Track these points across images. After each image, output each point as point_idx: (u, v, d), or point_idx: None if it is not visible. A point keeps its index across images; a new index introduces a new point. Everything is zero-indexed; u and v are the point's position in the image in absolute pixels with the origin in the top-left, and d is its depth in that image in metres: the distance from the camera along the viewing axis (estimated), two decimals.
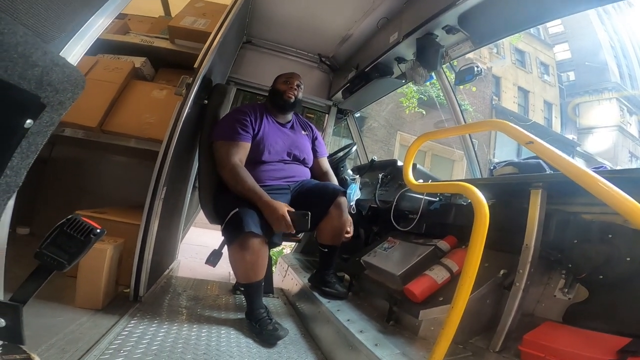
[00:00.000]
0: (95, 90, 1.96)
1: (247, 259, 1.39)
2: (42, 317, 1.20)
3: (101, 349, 1.08)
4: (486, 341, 1.13)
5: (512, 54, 15.00)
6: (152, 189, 1.51)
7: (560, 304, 1.10)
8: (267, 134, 1.75)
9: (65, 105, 0.54)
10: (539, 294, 1.16)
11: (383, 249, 1.68)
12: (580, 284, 1.07)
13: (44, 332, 1.10)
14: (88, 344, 1.09)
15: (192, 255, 3.53)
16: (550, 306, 1.13)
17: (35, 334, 1.05)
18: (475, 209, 0.87)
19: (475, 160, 1.98)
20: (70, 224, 0.64)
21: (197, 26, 2.18)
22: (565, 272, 1.12)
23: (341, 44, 2.74)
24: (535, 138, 0.93)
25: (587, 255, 1.01)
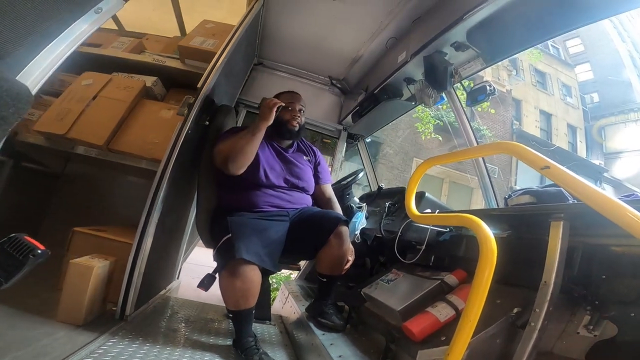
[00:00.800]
0: (106, 108, 2.01)
1: (237, 286, 1.33)
2: (16, 329, 1.19)
3: None
4: None
5: (532, 75, 14.74)
6: (147, 209, 1.49)
7: (585, 342, 0.97)
8: (266, 157, 1.70)
9: (8, 120, 0.50)
10: (559, 331, 1.03)
11: (386, 282, 1.58)
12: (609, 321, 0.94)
13: (15, 344, 1.07)
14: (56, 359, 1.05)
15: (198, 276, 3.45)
16: (573, 344, 1.00)
17: (4, 345, 1.04)
18: (480, 244, 0.79)
19: (491, 188, 1.85)
20: (11, 243, 0.62)
21: (205, 46, 2.22)
22: (590, 308, 0.99)
23: (351, 65, 2.72)
24: (552, 162, 0.83)
25: (618, 292, 0.90)
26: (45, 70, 0.63)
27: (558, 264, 0.98)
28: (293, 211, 1.70)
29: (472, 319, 0.75)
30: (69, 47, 0.67)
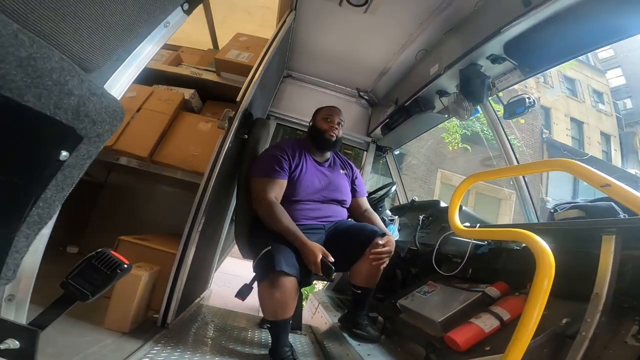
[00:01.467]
0: (149, 120, 2.10)
1: (276, 297, 1.35)
2: (68, 335, 1.22)
3: None
4: None
5: (562, 82, 14.17)
6: (191, 220, 1.54)
7: (632, 351, 0.96)
8: (304, 173, 1.73)
9: (103, 137, 0.54)
10: (607, 341, 1.02)
11: (422, 293, 1.57)
12: None
13: (67, 351, 1.10)
14: None
15: (226, 284, 3.53)
16: (620, 353, 0.98)
17: (57, 352, 1.05)
18: (537, 259, 0.79)
19: (530, 203, 1.78)
20: (98, 258, 0.64)
21: (240, 59, 2.28)
22: (639, 318, 0.99)
23: (379, 77, 2.73)
24: (612, 180, 0.84)
25: None
26: (124, 84, 0.68)
27: (610, 276, 0.99)
28: (329, 224, 1.73)
29: (528, 328, 0.76)
30: (144, 61, 0.71)
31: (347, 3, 2.01)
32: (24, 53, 0.39)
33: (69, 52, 0.48)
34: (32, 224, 0.51)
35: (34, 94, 0.41)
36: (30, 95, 0.41)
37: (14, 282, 0.67)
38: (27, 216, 0.49)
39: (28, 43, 0.39)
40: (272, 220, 1.53)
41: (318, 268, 1.39)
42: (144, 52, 0.72)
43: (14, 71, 0.38)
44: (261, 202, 1.58)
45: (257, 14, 2.86)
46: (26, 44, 0.39)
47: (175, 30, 0.83)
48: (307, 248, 1.42)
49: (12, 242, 0.49)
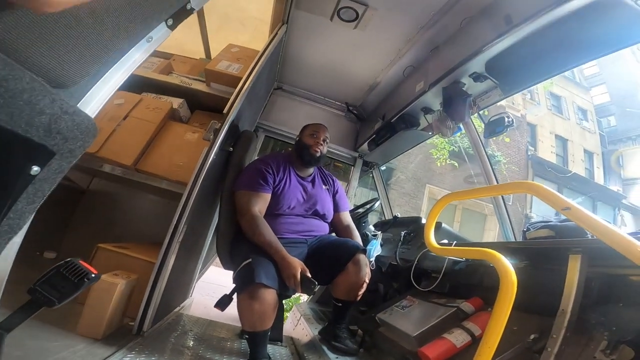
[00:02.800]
0: (135, 128, 2.06)
1: (255, 309, 1.35)
2: (38, 339, 1.20)
3: None
4: None
5: (548, 99, 14.53)
6: (172, 230, 1.53)
7: None
8: (288, 187, 1.77)
9: (75, 153, 0.55)
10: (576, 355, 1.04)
11: (400, 307, 1.60)
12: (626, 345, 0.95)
13: (35, 355, 1.08)
14: None
15: (209, 293, 3.48)
16: None
17: (24, 355, 1.04)
18: (501, 278, 0.82)
19: (508, 221, 1.84)
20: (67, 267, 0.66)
21: (230, 71, 2.28)
22: (608, 334, 1.01)
23: (368, 92, 2.78)
24: (572, 204, 0.88)
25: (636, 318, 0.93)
26: (102, 99, 0.69)
27: (576, 293, 1.03)
28: (312, 238, 1.76)
29: (491, 345, 0.78)
30: (123, 75, 0.72)
31: (338, 18, 2.07)
32: None
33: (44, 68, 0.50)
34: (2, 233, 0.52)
35: (6, 112, 0.43)
36: (2, 114, 0.43)
37: None
38: None
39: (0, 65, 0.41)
40: (254, 233, 1.54)
41: (297, 283, 1.40)
42: (125, 65, 0.73)
43: None
44: (244, 214, 1.60)
45: (251, 26, 2.88)
46: None
47: (158, 44, 0.84)
48: (286, 262, 1.44)
49: None
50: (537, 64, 1.55)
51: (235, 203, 1.68)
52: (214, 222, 2.30)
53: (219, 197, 1.88)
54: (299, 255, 1.58)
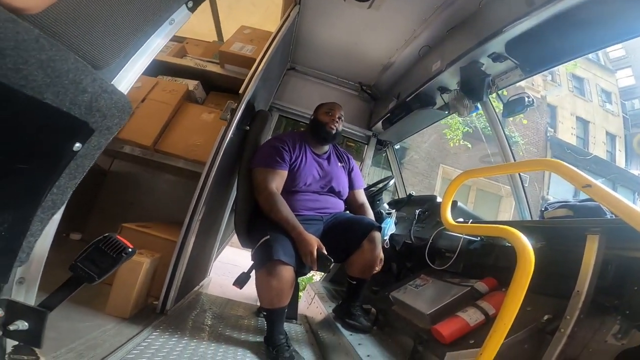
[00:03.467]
0: (153, 110, 2.12)
1: (272, 285, 1.39)
2: (70, 320, 1.25)
3: (117, 357, 1.10)
4: None
5: (569, 81, 13.99)
6: (192, 209, 1.58)
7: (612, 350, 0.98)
8: (304, 164, 1.78)
9: (112, 130, 0.58)
10: (587, 339, 1.05)
11: (414, 286, 1.61)
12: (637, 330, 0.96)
13: (68, 335, 1.13)
14: (106, 351, 1.11)
15: (225, 274, 3.60)
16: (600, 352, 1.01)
17: (59, 336, 1.09)
18: (518, 256, 0.82)
19: (525, 201, 1.82)
20: (105, 242, 0.67)
21: (244, 52, 2.29)
22: (621, 317, 1.01)
23: (382, 72, 2.75)
24: (593, 181, 0.85)
25: None
26: (130, 80, 0.71)
27: (592, 274, 1.02)
28: (327, 216, 1.78)
29: (506, 323, 0.78)
30: (150, 56, 0.75)
31: None
32: (44, 56, 0.43)
33: (81, 52, 0.52)
34: (46, 209, 0.55)
35: (53, 92, 0.45)
36: (49, 93, 0.45)
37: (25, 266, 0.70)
38: (42, 202, 0.53)
39: (47, 46, 0.43)
40: (271, 210, 1.57)
41: (313, 260, 1.43)
42: (150, 48, 0.76)
43: (36, 72, 0.43)
44: (262, 191, 1.63)
45: (262, 7, 2.85)
46: (46, 48, 0.43)
47: (180, 27, 0.86)
48: (303, 239, 1.46)
49: (29, 226, 0.54)
50: (560, 45, 1.49)
51: (252, 180, 1.71)
52: (230, 201, 2.36)
53: (236, 176, 1.92)
54: (314, 232, 1.60)
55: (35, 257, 0.72)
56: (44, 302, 0.68)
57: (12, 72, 0.41)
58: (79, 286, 0.69)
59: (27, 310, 0.67)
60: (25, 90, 0.42)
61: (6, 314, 0.65)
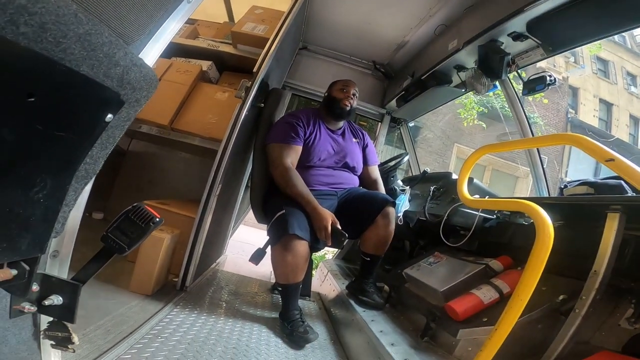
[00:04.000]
0: (169, 91, 2.16)
1: (288, 260, 1.42)
2: (97, 298, 1.31)
3: (142, 333, 1.15)
4: None
5: (593, 62, 13.39)
6: (209, 185, 1.61)
7: (624, 334, 0.98)
8: (318, 139, 1.79)
9: (140, 102, 0.60)
10: (600, 322, 1.05)
11: (428, 264, 1.61)
12: None
13: (97, 313, 1.19)
14: (131, 328, 1.16)
15: (239, 252, 3.69)
16: (612, 335, 1.01)
17: (88, 314, 1.14)
18: (537, 230, 0.80)
19: (543, 178, 1.79)
20: (134, 211, 0.69)
21: (256, 32, 2.29)
22: (635, 301, 1.00)
23: (396, 51, 2.70)
24: (617, 155, 0.83)
25: None
26: (154, 56, 0.72)
27: (610, 254, 0.99)
28: (342, 191, 1.79)
29: (522, 299, 0.77)
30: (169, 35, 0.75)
31: None
32: (81, 30, 0.45)
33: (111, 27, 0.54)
34: (80, 178, 0.58)
35: (88, 64, 0.47)
36: (85, 65, 0.47)
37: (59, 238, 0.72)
38: (76, 171, 0.56)
39: (85, 21, 0.45)
40: (286, 185, 1.59)
41: (327, 235, 1.44)
42: (170, 27, 0.76)
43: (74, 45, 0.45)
44: (277, 166, 1.64)
45: None
46: (83, 22, 0.45)
47: (197, 6, 0.86)
48: (317, 213, 1.48)
49: (65, 195, 0.57)
50: (584, 25, 1.42)
51: (267, 156, 1.73)
52: (245, 178, 2.41)
53: (251, 152, 1.95)
54: (329, 207, 1.61)
55: (68, 229, 0.73)
56: (77, 276, 0.69)
57: (52, 45, 0.43)
58: (110, 257, 0.71)
59: (61, 284, 0.68)
60: (64, 62, 0.44)
61: (41, 288, 0.66)
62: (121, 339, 1.07)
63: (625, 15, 1.30)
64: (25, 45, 0.40)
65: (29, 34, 0.40)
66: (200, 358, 1.11)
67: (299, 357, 1.33)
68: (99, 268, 0.71)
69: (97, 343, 1.01)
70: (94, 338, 1.03)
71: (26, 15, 0.39)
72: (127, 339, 1.08)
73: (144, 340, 1.11)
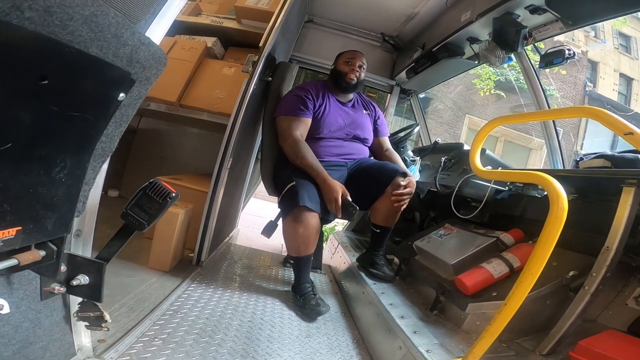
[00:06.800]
0: (175, 68, 2.13)
1: (299, 232, 1.44)
2: (119, 276, 1.34)
3: (163, 309, 1.19)
4: (534, 343, 1.05)
5: (615, 38, 12.72)
6: (220, 160, 1.63)
7: (631, 314, 0.99)
8: (328, 111, 1.77)
9: (150, 80, 0.60)
10: (608, 301, 1.05)
11: (438, 236, 1.61)
12: None
13: (119, 291, 1.22)
14: (153, 304, 1.20)
15: (250, 225, 3.76)
16: (618, 315, 1.02)
17: (112, 292, 1.15)
18: (551, 202, 0.77)
19: (558, 150, 1.75)
20: (151, 187, 0.70)
21: (260, 6, 2.23)
22: None
23: (406, 22, 2.60)
24: (635, 129, 0.80)
25: None
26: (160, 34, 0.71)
27: (624, 230, 0.97)
28: (351, 162, 1.79)
29: (533, 273, 0.75)
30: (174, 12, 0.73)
31: None
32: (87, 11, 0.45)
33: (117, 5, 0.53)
34: (97, 156, 0.60)
35: (97, 45, 0.48)
36: (94, 47, 0.47)
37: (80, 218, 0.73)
38: (94, 149, 0.57)
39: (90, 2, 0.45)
40: (296, 156, 1.59)
41: (338, 207, 1.44)
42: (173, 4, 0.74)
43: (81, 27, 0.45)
44: (287, 138, 1.64)
45: None
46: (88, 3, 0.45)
47: None
48: (327, 185, 1.48)
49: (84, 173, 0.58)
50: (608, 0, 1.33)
51: (277, 129, 1.72)
52: (255, 150, 2.43)
53: (260, 126, 1.96)
54: (338, 178, 1.61)
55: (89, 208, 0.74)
56: (101, 254, 0.71)
57: (59, 28, 0.43)
58: (131, 235, 0.72)
59: (87, 263, 0.69)
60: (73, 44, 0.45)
61: (68, 268, 0.67)
62: (144, 316, 1.11)
63: None
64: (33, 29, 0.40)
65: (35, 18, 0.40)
66: (218, 332, 1.16)
67: (311, 329, 1.37)
68: (121, 246, 0.72)
69: (122, 321, 1.05)
70: (119, 317, 1.07)
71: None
72: (150, 315, 1.11)
73: (165, 317, 1.16)
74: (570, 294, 1.06)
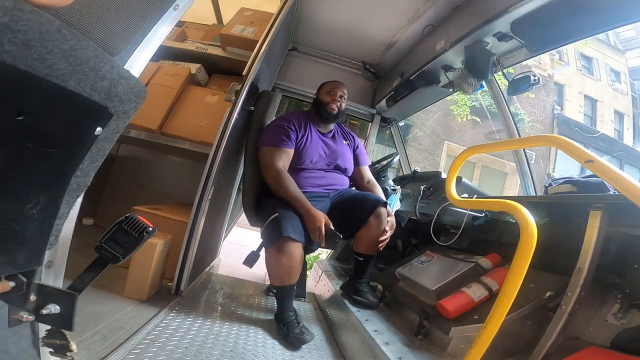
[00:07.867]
0: (157, 94, 2.14)
1: (282, 263, 1.43)
2: (93, 304, 1.30)
3: (139, 338, 1.15)
4: None
5: (578, 60, 13.70)
6: (201, 189, 1.61)
7: (611, 329, 1.01)
8: (310, 142, 1.80)
9: (129, 114, 0.60)
10: (588, 318, 1.08)
11: (420, 262, 1.64)
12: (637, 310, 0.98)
13: (92, 319, 1.18)
14: (128, 333, 1.16)
15: (233, 254, 3.67)
16: (600, 331, 1.04)
17: (84, 320, 1.12)
18: (521, 230, 0.83)
19: (529, 176, 1.84)
20: (127, 222, 0.69)
21: (245, 34, 2.28)
22: (621, 296, 1.03)
23: (386, 51, 2.72)
24: (595, 156, 0.86)
25: None
26: (140, 66, 0.72)
27: (593, 251, 1.02)
28: (334, 192, 1.81)
29: (509, 297, 0.79)
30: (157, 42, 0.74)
31: None
32: (66, 45, 0.45)
33: (96, 39, 0.54)
34: (72, 191, 0.58)
35: (75, 79, 0.48)
36: (72, 80, 0.48)
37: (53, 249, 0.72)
38: (68, 185, 0.56)
39: (69, 36, 0.45)
40: (279, 187, 1.59)
41: (322, 235, 1.45)
42: (157, 34, 0.76)
43: (59, 61, 0.45)
44: (269, 169, 1.65)
45: None
46: (68, 37, 0.45)
47: (184, 12, 0.86)
48: (311, 215, 1.48)
49: (58, 209, 0.57)
50: (567, 25, 1.45)
51: (259, 159, 1.73)
52: (237, 181, 2.41)
53: (242, 155, 1.95)
54: (322, 209, 1.62)
55: (62, 240, 0.73)
56: (73, 285, 0.70)
57: (37, 61, 0.43)
58: (105, 267, 0.71)
59: (57, 293, 0.68)
60: (51, 78, 0.45)
61: (38, 298, 0.67)
62: (119, 344, 1.07)
63: (606, 15, 1.34)
64: (11, 62, 0.40)
65: (14, 51, 0.40)
66: None
67: (295, 358, 1.34)
68: (94, 277, 0.71)
69: (95, 349, 1.01)
70: (92, 344, 1.03)
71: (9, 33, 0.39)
72: (125, 344, 1.08)
73: (141, 346, 1.11)
74: (549, 313, 1.09)
